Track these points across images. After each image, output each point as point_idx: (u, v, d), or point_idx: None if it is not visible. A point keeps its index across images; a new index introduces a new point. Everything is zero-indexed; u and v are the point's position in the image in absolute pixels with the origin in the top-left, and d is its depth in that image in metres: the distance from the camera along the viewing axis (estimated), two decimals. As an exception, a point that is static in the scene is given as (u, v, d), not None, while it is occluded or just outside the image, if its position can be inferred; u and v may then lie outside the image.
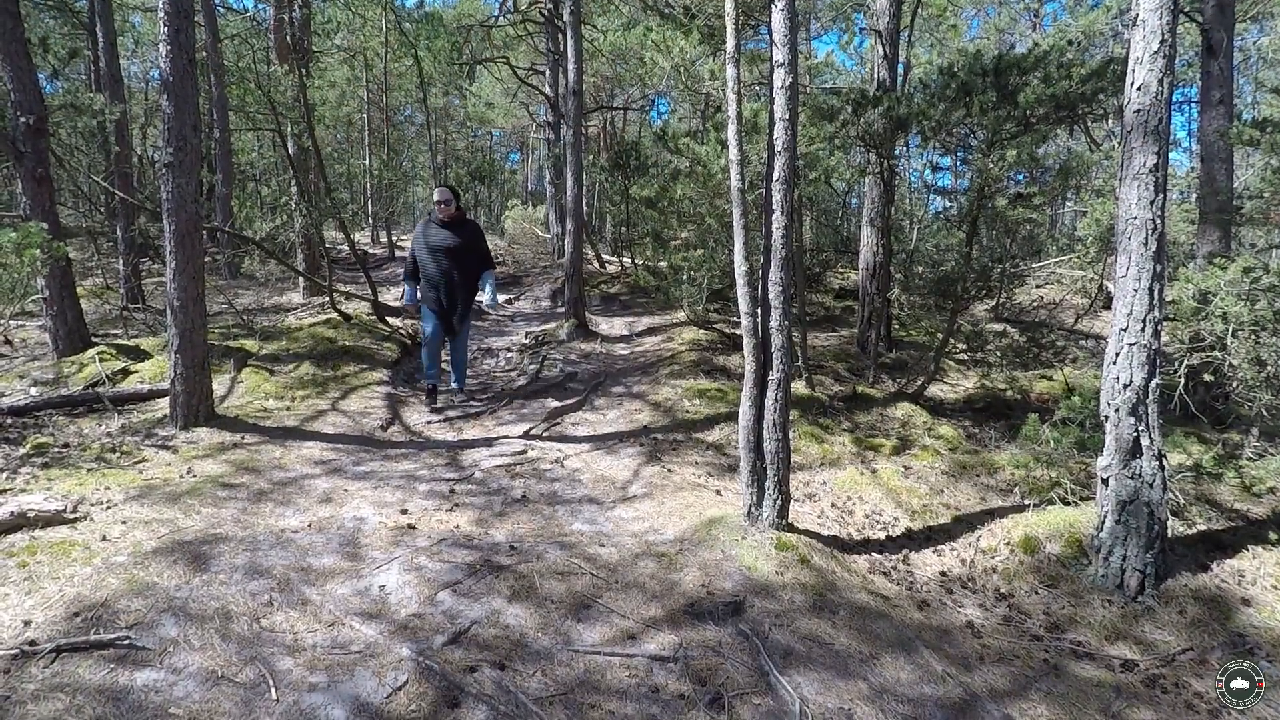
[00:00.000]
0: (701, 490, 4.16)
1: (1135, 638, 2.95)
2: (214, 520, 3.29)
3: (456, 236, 5.53)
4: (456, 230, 5.56)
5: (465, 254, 5.55)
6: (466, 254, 5.56)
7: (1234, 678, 2.64)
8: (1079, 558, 3.36)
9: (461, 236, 5.55)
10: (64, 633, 2.32)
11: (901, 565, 3.58)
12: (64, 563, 2.76)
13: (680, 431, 5.15)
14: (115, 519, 3.19)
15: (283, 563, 2.90)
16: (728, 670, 2.44)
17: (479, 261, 5.65)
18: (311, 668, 2.28)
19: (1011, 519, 3.80)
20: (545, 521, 3.64)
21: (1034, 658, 2.80)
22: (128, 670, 2.19)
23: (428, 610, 2.66)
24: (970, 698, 2.47)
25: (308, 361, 6.34)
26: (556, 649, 2.49)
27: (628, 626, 2.65)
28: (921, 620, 2.98)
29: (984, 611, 3.19)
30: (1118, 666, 2.78)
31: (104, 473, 3.86)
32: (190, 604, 2.54)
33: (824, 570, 3.18)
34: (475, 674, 2.31)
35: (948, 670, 2.60)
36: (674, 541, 3.38)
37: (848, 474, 4.53)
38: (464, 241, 5.55)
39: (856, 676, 2.48)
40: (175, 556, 2.85)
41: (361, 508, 3.64)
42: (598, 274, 12.09)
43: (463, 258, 5.55)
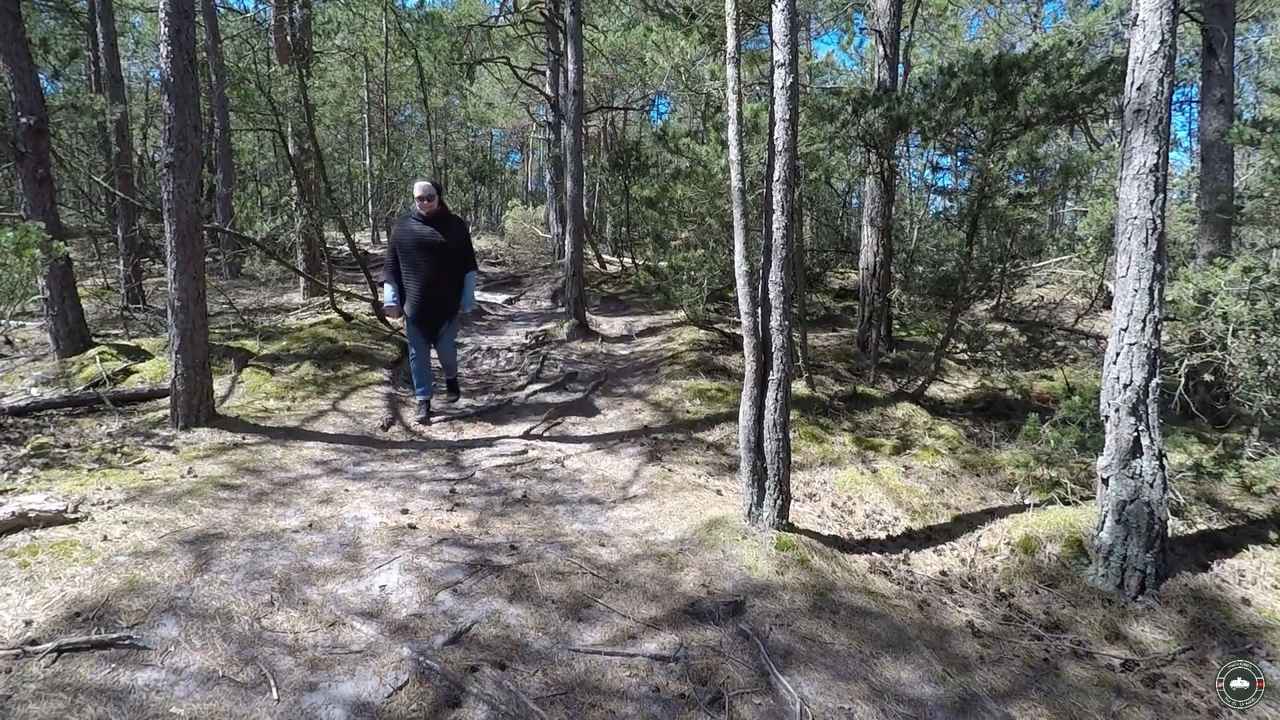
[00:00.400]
0: (702, 490, 4.16)
1: (1135, 638, 2.96)
2: (214, 520, 3.29)
3: (440, 234, 5.12)
4: (440, 227, 5.14)
5: (450, 254, 5.17)
6: (451, 254, 5.18)
7: (1234, 678, 2.65)
8: (1079, 557, 3.36)
9: (445, 234, 5.14)
10: (65, 632, 2.32)
11: (901, 565, 3.58)
12: (65, 562, 2.76)
13: (681, 431, 5.15)
14: (116, 519, 3.19)
15: (283, 563, 2.91)
16: (728, 670, 2.44)
17: (463, 262, 5.28)
18: (312, 667, 2.28)
19: (1011, 519, 3.81)
20: (546, 521, 3.64)
21: (1034, 657, 2.80)
22: (129, 670, 2.20)
23: (428, 610, 2.66)
24: (970, 697, 2.47)
25: (308, 362, 6.34)
26: (557, 649, 2.50)
27: (628, 626, 2.65)
28: (921, 620, 2.98)
29: (984, 611, 3.19)
30: (1118, 666, 2.78)
31: (105, 473, 3.86)
32: (191, 604, 2.54)
33: (824, 570, 3.19)
34: (476, 674, 2.31)
35: (947, 670, 2.60)
36: (674, 542, 3.37)
37: (848, 474, 4.52)
38: (447, 241, 5.14)
39: (856, 677, 2.48)
40: (176, 556, 2.85)
41: (362, 508, 3.64)
42: (598, 274, 12.10)
43: (447, 257, 5.16)
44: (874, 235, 6.88)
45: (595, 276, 11.68)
